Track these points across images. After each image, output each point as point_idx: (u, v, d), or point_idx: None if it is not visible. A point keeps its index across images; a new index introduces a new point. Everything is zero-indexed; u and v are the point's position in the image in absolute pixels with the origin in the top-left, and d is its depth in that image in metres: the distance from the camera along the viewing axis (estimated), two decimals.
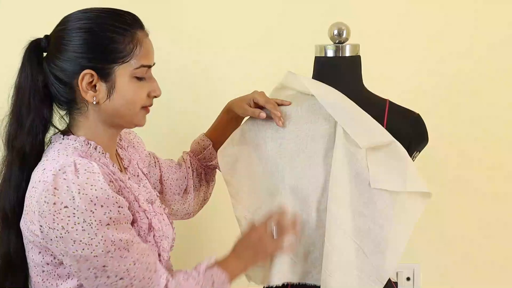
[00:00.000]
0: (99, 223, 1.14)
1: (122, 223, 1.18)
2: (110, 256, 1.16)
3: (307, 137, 1.46)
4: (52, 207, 1.13)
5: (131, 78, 1.25)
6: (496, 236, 2.28)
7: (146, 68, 1.27)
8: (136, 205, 1.27)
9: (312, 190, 1.44)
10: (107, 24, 1.24)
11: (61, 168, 1.15)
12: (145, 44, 1.27)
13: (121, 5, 1.32)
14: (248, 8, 2.13)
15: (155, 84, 1.30)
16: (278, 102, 1.48)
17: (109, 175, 1.21)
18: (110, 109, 1.26)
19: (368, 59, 1.58)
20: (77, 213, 1.13)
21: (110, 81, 1.24)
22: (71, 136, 1.27)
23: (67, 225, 1.13)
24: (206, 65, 2.13)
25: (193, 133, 1.68)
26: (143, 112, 1.30)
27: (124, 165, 1.39)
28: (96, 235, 1.14)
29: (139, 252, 1.20)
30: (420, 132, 1.49)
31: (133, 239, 1.20)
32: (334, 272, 1.38)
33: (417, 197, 1.42)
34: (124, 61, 1.23)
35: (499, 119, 2.22)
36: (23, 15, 2.04)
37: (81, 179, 1.14)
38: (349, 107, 1.43)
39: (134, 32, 1.25)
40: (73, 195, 1.13)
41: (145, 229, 1.28)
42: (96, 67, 1.22)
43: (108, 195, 1.15)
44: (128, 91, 1.25)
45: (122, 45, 1.23)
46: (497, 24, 2.17)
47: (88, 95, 1.23)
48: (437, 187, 1.72)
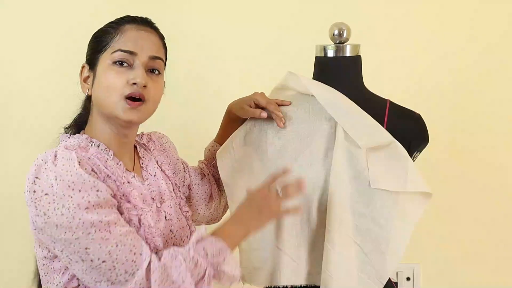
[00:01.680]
0: (76, 207, 1.15)
1: (104, 207, 1.19)
2: (91, 238, 1.16)
3: (307, 138, 1.46)
4: (33, 195, 1.17)
5: (110, 65, 1.28)
6: (496, 236, 2.28)
7: (126, 54, 1.28)
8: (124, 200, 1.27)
9: (313, 190, 1.44)
10: (106, 25, 1.34)
11: (43, 159, 1.19)
12: (129, 33, 1.30)
13: (121, 8, 1.34)
14: (248, 9, 2.13)
15: (137, 72, 1.27)
16: (279, 103, 1.48)
17: (91, 165, 1.22)
18: (96, 99, 1.31)
19: (368, 59, 1.58)
20: (56, 199, 1.15)
21: (94, 70, 1.31)
22: (77, 135, 1.32)
23: (47, 211, 1.16)
24: (207, 67, 2.13)
25: (189, 134, 1.68)
26: (123, 103, 1.26)
27: (141, 163, 1.42)
28: (73, 218, 1.15)
29: (123, 234, 1.19)
30: (421, 132, 1.49)
31: (116, 221, 1.19)
32: (334, 272, 1.38)
33: (418, 197, 1.42)
34: (105, 49, 1.29)
35: (500, 119, 2.23)
36: (29, 14, 2.05)
37: (58, 167, 1.17)
38: (349, 107, 1.43)
39: (121, 25, 1.32)
40: (51, 183, 1.16)
41: (136, 221, 1.27)
42: (88, 59, 1.33)
43: (84, 180, 1.17)
44: (104, 77, 1.28)
45: (108, 37, 1.30)
46: (494, 23, 2.17)
47: (84, 88, 1.33)
48: (438, 187, 1.72)
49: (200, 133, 2.11)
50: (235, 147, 1.56)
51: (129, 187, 1.30)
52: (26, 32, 2.04)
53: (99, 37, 1.32)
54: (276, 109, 1.45)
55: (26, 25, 2.04)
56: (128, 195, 1.28)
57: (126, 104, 1.26)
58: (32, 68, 2.03)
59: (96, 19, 1.41)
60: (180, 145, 1.68)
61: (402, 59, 2.17)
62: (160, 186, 1.42)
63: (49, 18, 2.04)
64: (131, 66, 1.28)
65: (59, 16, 2.03)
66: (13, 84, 2.06)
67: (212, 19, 2.12)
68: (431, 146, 1.54)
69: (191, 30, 2.09)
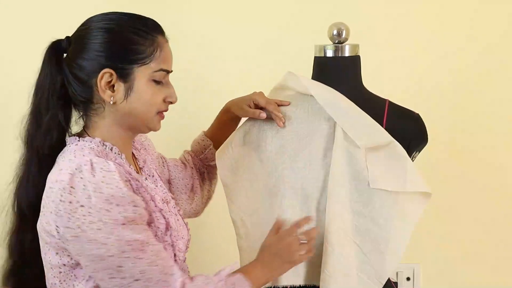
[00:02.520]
0: (114, 222, 1.13)
1: (138, 222, 1.18)
2: (125, 257, 1.15)
3: (306, 137, 1.46)
4: (68, 206, 1.13)
5: (149, 81, 1.25)
6: (496, 236, 2.28)
7: (165, 73, 1.28)
8: (152, 205, 1.27)
9: (312, 190, 1.44)
10: (129, 26, 1.26)
11: (78, 167, 1.15)
12: (165, 49, 1.28)
13: (121, 8, 1.33)
14: (247, 9, 2.13)
15: (172, 90, 1.30)
16: (278, 103, 1.48)
17: (126, 174, 1.21)
18: (127, 110, 1.26)
19: (367, 59, 1.58)
20: (92, 211, 1.12)
21: (128, 81, 1.24)
22: (87, 137, 1.26)
23: (82, 224, 1.13)
24: (207, 67, 2.13)
25: (189, 134, 1.68)
26: (158, 117, 1.30)
27: (139, 165, 1.40)
28: (111, 234, 1.13)
29: (154, 254, 1.19)
30: (420, 132, 1.49)
31: (148, 240, 1.18)
32: (333, 272, 1.38)
33: (417, 197, 1.42)
34: (144, 63, 1.24)
35: (500, 119, 2.23)
36: (29, 14, 2.05)
37: (97, 178, 1.14)
38: (348, 107, 1.43)
39: (155, 36, 1.26)
40: (89, 194, 1.13)
41: (162, 229, 1.27)
42: (116, 66, 1.23)
43: (123, 194, 1.15)
44: (145, 93, 1.25)
45: (143, 47, 1.24)
46: (494, 23, 2.17)
47: (106, 95, 1.23)
48: (437, 186, 1.72)
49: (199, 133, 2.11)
50: (234, 147, 1.56)
51: (152, 191, 1.29)
52: (26, 32, 2.04)
53: (132, 45, 1.24)
54: (276, 109, 1.45)
55: (26, 25, 2.04)
56: (154, 200, 1.28)
57: (160, 118, 1.31)
58: (32, 68, 2.03)
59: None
60: (180, 144, 1.69)
61: (401, 59, 2.17)
62: (161, 185, 1.42)
63: (49, 18, 2.04)
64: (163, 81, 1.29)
65: (59, 16, 2.03)
66: (13, 84, 2.06)
67: (212, 19, 2.12)
68: (431, 146, 1.54)
69: (191, 30, 2.09)
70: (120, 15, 1.28)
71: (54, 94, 1.25)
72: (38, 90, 1.27)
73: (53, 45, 1.28)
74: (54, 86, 1.25)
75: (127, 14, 1.29)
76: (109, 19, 1.26)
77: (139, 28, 1.25)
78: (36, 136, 1.26)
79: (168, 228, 1.29)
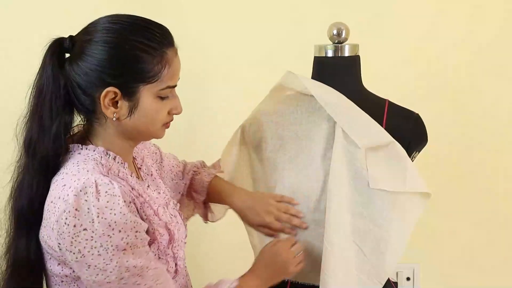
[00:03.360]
0: (115, 249, 1.11)
1: (139, 247, 1.16)
2: (123, 283, 1.14)
3: (306, 137, 1.46)
4: (72, 229, 1.11)
5: (155, 98, 1.20)
6: (496, 236, 2.28)
7: (172, 89, 1.24)
8: (156, 220, 1.25)
9: (312, 190, 1.44)
10: (136, 41, 1.17)
11: (83, 188, 1.12)
12: (174, 64, 1.21)
13: (121, 9, 1.31)
14: (247, 10, 2.13)
15: (177, 102, 1.26)
16: (285, 200, 1.46)
17: (130, 193, 1.19)
18: (130, 126, 1.22)
19: (367, 58, 1.58)
20: (95, 236, 1.10)
21: (133, 100, 1.19)
22: (90, 146, 1.22)
23: (84, 248, 1.11)
24: (206, 69, 2.13)
25: (189, 136, 1.68)
26: (163, 128, 1.27)
27: (137, 164, 1.37)
28: (111, 261, 1.12)
29: (154, 279, 1.18)
30: (419, 132, 1.49)
31: (148, 264, 1.17)
32: (333, 273, 1.38)
33: (417, 197, 1.42)
34: (151, 82, 1.18)
35: (499, 118, 2.23)
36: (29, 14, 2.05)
37: (101, 202, 1.11)
38: (348, 107, 1.43)
39: (164, 52, 1.19)
40: (92, 218, 1.10)
41: (165, 243, 1.26)
42: (120, 85, 1.17)
43: (126, 220, 1.13)
44: (150, 110, 1.20)
45: (150, 65, 1.17)
46: (492, 22, 2.17)
47: (108, 111, 1.19)
48: (437, 186, 1.72)
49: (200, 135, 2.11)
50: (235, 146, 1.57)
51: (154, 204, 1.27)
52: (26, 31, 2.04)
53: (139, 64, 1.17)
54: (289, 219, 1.45)
55: (26, 25, 2.04)
56: (158, 214, 1.26)
57: (164, 128, 1.28)
58: (32, 68, 2.03)
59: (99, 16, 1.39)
60: (180, 146, 1.69)
61: (401, 59, 2.17)
62: (159, 186, 1.40)
63: (49, 18, 2.04)
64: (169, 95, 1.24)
65: (59, 16, 2.03)
66: (13, 83, 2.06)
67: (211, 21, 2.12)
68: (431, 146, 1.54)
69: (190, 33, 2.09)
70: (127, 25, 1.19)
71: (58, 99, 1.18)
72: (39, 93, 1.20)
73: (54, 44, 1.20)
74: (58, 90, 1.18)
75: (135, 23, 1.20)
76: (115, 31, 1.18)
77: (147, 44, 1.17)
78: (41, 142, 1.19)
79: (171, 241, 1.27)
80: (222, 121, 2.10)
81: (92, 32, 1.19)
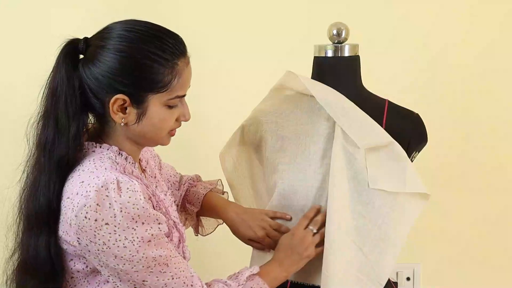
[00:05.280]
0: (141, 240, 1.14)
1: (162, 239, 1.19)
2: (150, 271, 1.17)
3: (306, 137, 1.46)
4: (93, 223, 1.13)
5: (163, 106, 1.22)
6: (496, 236, 2.28)
7: (181, 98, 1.24)
8: (168, 219, 1.27)
9: (311, 190, 1.44)
10: (148, 51, 1.18)
11: (104, 185, 1.14)
12: (184, 75, 1.22)
13: (121, 10, 1.31)
14: (246, 9, 2.13)
15: (185, 110, 1.27)
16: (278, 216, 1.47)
17: (147, 191, 1.21)
18: (137, 131, 1.24)
19: (367, 58, 1.58)
20: (118, 230, 1.13)
21: (142, 107, 1.20)
22: (104, 144, 1.24)
23: (108, 241, 1.13)
24: (204, 68, 2.13)
25: (188, 136, 1.67)
26: (168, 135, 1.28)
27: (143, 166, 1.38)
28: (137, 252, 1.14)
29: (177, 267, 1.21)
30: (419, 132, 1.49)
31: (171, 253, 1.20)
32: (333, 273, 1.38)
33: (416, 198, 1.42)
34: (160, 91, 1.20)
35: (499, 118, 2.23)
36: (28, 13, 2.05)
37: (123, 198, 1.13)
38: (348, 108, 1.43)
39: (175, 63, 1.20)
40: (114, 213, 1.12)
41: (176, 242, 1.28)
42: (130, 92, 1.18)
43: (149, 213, 1.16)
44: (158, 118, 1.22)
45: (160, 76, 1.19)
46: (493, 22, 2.17)
47: (117, 117, 1.20)
48: (437, 187, 1.73)
49: (200, 135, 2.11)
50: (234, 146, 1.57)
51: (166, 204, 1.30)
52: (26, 32, 2.04)
53: (149, 74, 1.18)
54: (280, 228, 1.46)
55: (26, 25, 2.04)
56: (169, 214, 1.29)
57: (170, 135, 1.29)
58: (32, 68, 2.03)
59: (95, 19, 1.39)
60: (179, 146, 1.68)
61: (401, 59, 2.17)
62: (163, 188, 1.41)
63: (49, 18, 2.04)
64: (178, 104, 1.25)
65: (58, 16, 2.03)
66: (12, 84, 2.06)
67: (211, 21, 2.12)
68: (430, 146, 1.54)
69: (188, 33, 2.09)
70: (140, 33, 1.19)
71: (74, 100, 1.19)
72: (53, 93, 1.20)
73: (69, 45, 1.21)
74: (73, 91, 1.19)
75: (148, 32, 1.20)
76: (128, 40, 1.18)
77: (159, 55, 1.18)
78: (58, 142, 1.20)
79: (180, 241, 1.31)
80: (222, 121, 2.09)
81: (106, 39, 1.20)
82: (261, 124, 1.51)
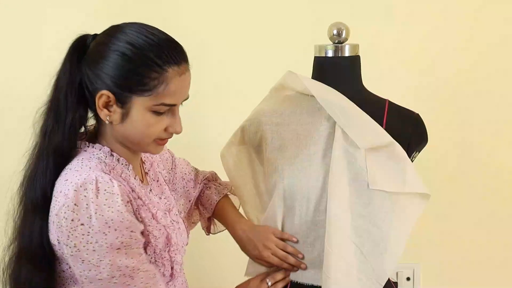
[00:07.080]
0: (109, 246, 1.14)
1: (133, 248, 1.18)
2: (114, 282, 1.16)
3: (306, 137, 1.46)
4: (69, 224, 1.13)
5: (148, 111, 1.20)
6: (496, 236, 2.28)
7: (167, 106, 1.22)
8: (154, 223, 1.26)
9: (311, 191, 1.44)
10: (145, 56, 1.19)
11: (83, 184, 1.14)
12: (174, 83, 1.20)
13: (119, 8, 1.31)
14: (246, 9, 2.13)
15: (176, 121, 1.25)
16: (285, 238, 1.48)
17: (129, 194, 1.21)
18: (122, 132, 1.24)
19: (367, 58, 1.58)
20: (91, 232, 1.13)
21: (125, 108, 1.20)
22: (97, 145, 1.25)
23: (79, 243, 1.13)
24: (202, 66, 2.12)
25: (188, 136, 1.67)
26: (154, 144, 1.26)
27: (145, 169, 1.38)
28: (104, 258, 1.14)
29: (143, 281, 1.20)
30: (419, 132, 1.49)
31: (140, 266, 1.19)
32: (333, 273, 1.38)
33: (416, 198, 1.42)
34: (143, 95, 1.19)
35: (499, 118, 2.23)
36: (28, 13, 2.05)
37: (100, 199, 1.14)
38: (348, 108, 1.43)
39: (165, 69, 1.19)
40: (90, 214, 1.13)
41: (161, 246, 1.28)
42: (115, 90, 1.19)
43: (123, 219, 1.15)
44: (140, 122, 1.21)
45: (146, 79, 1.18)
46: (494, 24, 2.17)
47: (102, 114, 1.21)
48: (437, 186, 1.72)
49: (199, 135, 2.11)
50: (234, 146, 1.57)
51: (153, 209, 1.29)
52: (26, 32, 2.04)
53: (136, 75, 1.18)
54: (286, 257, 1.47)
55: (26, 25, 2.04)
56: (156, 218, 1.28)
57: (157, 144, 1.27)
58: (32, 69, 2.03)
59: (96, 19, 1.39)
60: (181, 146, 1.68)
61: (401, 59, 2.17)
62: (164, 192, 1.41)
63: (49, 18, 2.04)
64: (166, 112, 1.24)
65: (58, 16, 2.03)
66: (13, 85, 2.06)
67: (211, 21, 2.12)
68: (431, 146, 1.54)
69: (188, 33, 2.09)
70: (146, 41, 1.20)
71: (72, 93, 1.22)
72: (57, 85, 1.24)
73: (78, 40, 1.24)
74: (73, 84, 1.22)
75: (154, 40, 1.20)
76: (132, 45, 1.19)
77: (151, 59, 1.18)
78: (56, 131, 1.23)
79: (168, 244, 1.29)
80: (221, 121, 2.09)
81: (112, 38, 1.21)
82: (261, 124, 1.51)
